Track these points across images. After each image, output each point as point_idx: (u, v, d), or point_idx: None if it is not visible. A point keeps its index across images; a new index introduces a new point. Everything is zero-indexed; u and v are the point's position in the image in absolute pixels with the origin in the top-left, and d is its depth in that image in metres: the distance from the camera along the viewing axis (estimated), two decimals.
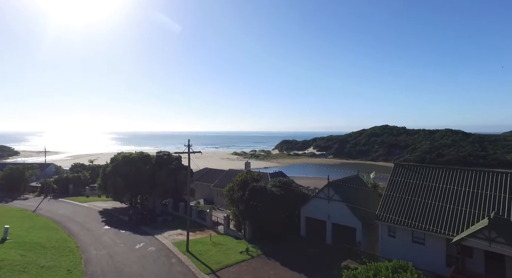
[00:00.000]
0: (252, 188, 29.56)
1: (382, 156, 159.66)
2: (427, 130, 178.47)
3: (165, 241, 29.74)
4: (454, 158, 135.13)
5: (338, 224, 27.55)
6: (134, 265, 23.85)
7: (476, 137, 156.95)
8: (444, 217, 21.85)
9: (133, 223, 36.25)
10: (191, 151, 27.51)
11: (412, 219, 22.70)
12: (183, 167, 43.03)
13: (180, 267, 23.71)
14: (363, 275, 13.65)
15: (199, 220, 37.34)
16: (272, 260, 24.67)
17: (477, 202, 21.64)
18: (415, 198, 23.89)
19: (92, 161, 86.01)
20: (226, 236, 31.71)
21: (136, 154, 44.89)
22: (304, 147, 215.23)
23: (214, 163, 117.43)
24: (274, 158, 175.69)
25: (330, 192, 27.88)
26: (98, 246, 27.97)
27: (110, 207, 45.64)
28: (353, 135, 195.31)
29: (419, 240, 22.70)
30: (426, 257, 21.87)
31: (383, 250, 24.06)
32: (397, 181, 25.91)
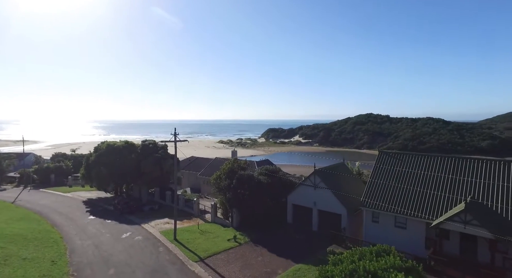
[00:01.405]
0: (239, 176, 29.64)
1: (367, 144, 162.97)
2: (409, 119, 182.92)
3: (152, 230, 29.63)
4: (434, 146, 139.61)
5: (324, 210, 28.15)
6: (121, 254, 23.71)
7: (455, 125, 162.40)
8: (424, 202, 22.70)
9: (118, 213, 35.84)
10: (178, 139, 27.14)
11: (394, 204, 23.47)
12: (169, 155, 42.53)
13: (168, 255, 23.76)
14: (348, 260, 14.06)
15: (186, 208, 37.31)
16: (260, 246, 25.07)
17: (455, 187, 22.57)
18: (398, 185, 24.65)
19: (74, 150, 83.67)
20: (214, 224, 31.89)
21: (121, 143, 43.94)
22: (290, 135, 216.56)
23: (201, 152, 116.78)
24: (261, 146, 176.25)
25: (316, 179, 28.33)
26: (83, 236, 27.57)
27: (94, 197, 44.83)
28: (338, 123, 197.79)
29: (401, 225, 23.57)
30: (407, 241, 22.77)
31: (367, 235, 24.87)
32: (381, 168, 26.57)
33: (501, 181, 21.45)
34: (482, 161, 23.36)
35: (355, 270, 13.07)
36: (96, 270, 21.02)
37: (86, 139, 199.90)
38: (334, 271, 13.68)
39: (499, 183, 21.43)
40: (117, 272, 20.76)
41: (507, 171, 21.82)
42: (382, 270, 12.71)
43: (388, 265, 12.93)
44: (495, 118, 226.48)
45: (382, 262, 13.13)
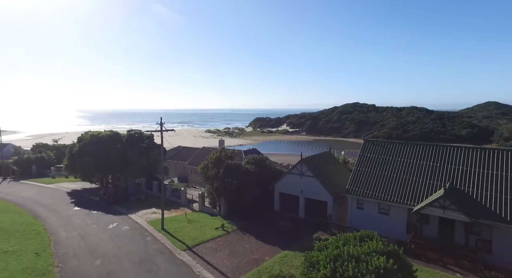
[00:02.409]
0: (226, 165, 29.66)
1: (353, 133, 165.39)
2: (394, 108, 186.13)
3: (140, 220, 29.49)
4: (418, 134, 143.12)
5: (310, 198, 28.66)
6: (108, 245, 23.56)
7: (438, 114, 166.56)
8: (406, 189, 23.44)
9: (104, 203, 35.40)
10: (164, 129, 26.77)
11: (378, 191, 24.13)
12: (156, 145, 42.00)
13: (155, 244, 23.78)
14: (333, 245, 14.44)
15: (173, 198, 37.21)
16: (247, 234, 25.41)
17: (435, 174, 23.37)
18: (382, 172, 25.28)
19: (56, 141, 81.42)
20: (202, 213, 32.01)
21: (105, 132, 42.97)
22: (277, 125, 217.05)
23: (188, 141, 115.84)
24: (248, 136, 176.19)
25: (303, 168, 28.68)
26: (68, 228, 27.18)
27: (79, 188, 44.02)
28: (325, 113, 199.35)
29: (384, 211, 24.33)
30: (390, 226, 23.59)
31: (352, 221, 25.58)
32: (366, 156, 27.12)
33: (477, 168, 22.34)
34: (461, 149, 24.20)
35: (339, 255, 13.45)
36: (82, 261, 20.85)
37: (69, 129, 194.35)
38: (319, 256, 14.05)
39: (476, 169, 22.32)
40: (104, 262, 20.67)
41: (483, 158, 22.71)
42: (365, 254, 13.13)
43: (371, 250, 13.36)
44: (474, 107, 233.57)
45: (365, 247, 13.55)
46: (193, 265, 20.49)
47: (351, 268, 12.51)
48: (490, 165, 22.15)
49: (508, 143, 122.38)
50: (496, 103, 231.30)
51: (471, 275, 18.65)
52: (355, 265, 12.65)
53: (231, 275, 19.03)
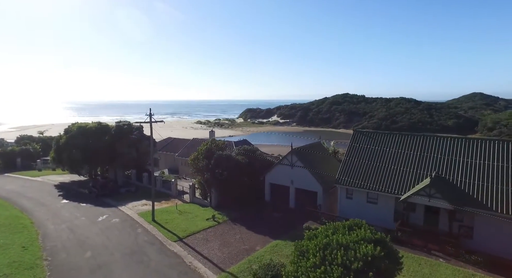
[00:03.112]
0: (217, 156, 29.60)
1: (343, 124, 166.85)
2: (384, 98, 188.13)
3: (130, 212, 29.33)
4: (406, 125, 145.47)
5: (300, 188, 28.99)
6: (97, 237, 23.41)
7: (425, 105, 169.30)
8: (394, 179, 23.93)
9: (94, 196, 34.99)
10: (153, 120, 26.41)
11: (367, 181, 24.57)
12: (145, 137, 41.47)
13: (146, 236, 23.76)
14: (322, 234, 14.71)
15: (164, 190, 37.07)
16: (238, 225, 25.61)
17: (422, 163, 23.89)
18: (371, 162, 25.69)
19: (42, 133, 79.38)
20: (192, 204, 32.04)
21: (93, 124, 42.13)
22: (268, 116, 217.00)
23: (178, 133, 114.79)
24: (239, 127, 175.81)
25: (293, 158, 28.88)
26: (57, 221, 26.83)
27: (67, 180, 43.30)
28: (316, 103, 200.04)
29: (373, 200, 24.84)
30: (378, 215, 24.13)
31: (341, 210, 26.05)
32: (356, 147, 27.47)
33: (462, 157, 22.94)
34: (447, 139, 24.77)
35: (328, 243, 13.73)
36: (72, 253, 20.70)
37: (55, 121, 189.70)
38: (309, 245, 14.31)
39: (460, 158, 22.92)
40: (94, 254, 20.57)
41: (468, 148, 23.31)
42: (354, 242, 13.44)
43: (359, 238, 13.68)
44: (460, 98, 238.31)
45: (354, 235, 13.86)
46: (184, 255, 20.60)
47: (340, 256, 12.80)
48: (474, 154, 22.78)
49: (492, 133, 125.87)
50: (481, 94, 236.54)
51: (453, 260, 19.37)
52: (344, 253, 12.95)
53: (223, 265, 19.23)
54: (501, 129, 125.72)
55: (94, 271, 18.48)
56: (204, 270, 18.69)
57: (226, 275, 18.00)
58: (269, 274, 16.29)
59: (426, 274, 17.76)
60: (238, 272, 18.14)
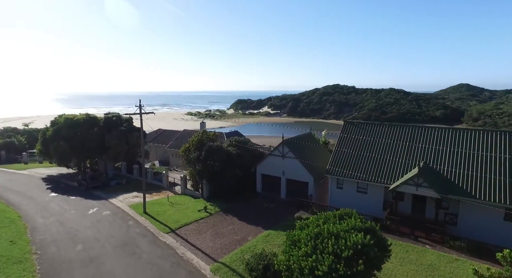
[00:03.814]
0: (208, 148, 29.49)
1: (333, 114, 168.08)
2: (373, 89, 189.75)
3: (121, 205, 29.13)
4: (395, 115, 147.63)
5: (292, 179, 29.24)
6: (88, 230, 23.23)
7: (414, 96, 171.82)
8: (384, 169, 24.37)
9: (83, 189, 34.55)
10: (143, 112, 26.00)
11: (357, 171, 24.94)
12: (135, 128, 40.91)
13: (138, 228, 23.70)
14: (313, 224, 14.95)
15: (155, 181, 36.86)
16: (230, 216, 25.77)
17: (410, 153, 24.38)
18: (361, 153, 26.05)
19: (27, 125, 77.35)
20: (184, 196, 32.00)
21: (81, 116, 41.24)
22: (259, 106, 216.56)
23: (168, 124, 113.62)
24: (230, 118, 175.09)
25: (285, 149, 29.02)
26: (45, 214, 26.44)
27: (55, 173, 42.54)
28: (306, 94, 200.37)
29: (363, 190, 25.30)
30: (367, 204, 24.62)
31: (332, 200, 26.46)
32: (346, 137, 27.75)
33: (448, 147, 23.50)
34: (434, 129, 25.30)
35: (319, 233, 13.97)
36: (62, 246, 20.51)
37: (40, 112, 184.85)
38: (300, 235, 14.54)
39: (447, 148, 23.47)
40: (86, 247, 20.44)
41: (454, 138, 23.87)
42: (344, 231, 13.72)
43: (350, 227, 13.96)
44: (448, 89, 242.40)
45: (344, 225, 14.14)
46: (176, 247, 20.68)
47: (331, 245, 13.06)
48: (459, 144, 23.36)
49: (477, 123, 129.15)
50: (467, 85, 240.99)
51: (438, 246, 20.05)
52: (335, 242, 13.21)
53: (215, 255, 19.40)
54: (485, 120, 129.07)
55: (85, 264, 18.40)
56: (197, 261, 18.84)
57: (218, 265, 18.19)
58: (261, 264, 16.53)
59: (413, 260, 18.34)
60: (230, 262, 18.35)
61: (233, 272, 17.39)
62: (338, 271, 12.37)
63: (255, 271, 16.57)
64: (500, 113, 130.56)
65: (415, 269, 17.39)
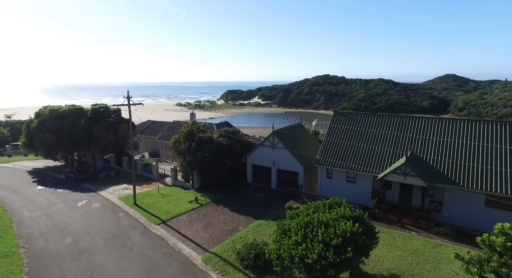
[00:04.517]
0: (198, 139, 29.31)
1: (323, 105, 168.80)
2: (363, 80, 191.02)
3: (110, 197, 28.86)
4: (384, 106, 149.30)
5: (282, 169, 29.46)
6: (78, 223, 22.99)
7: (403, 86, 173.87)
8: (372, 158, 24.77)
9: (71, 181, 34.01)
10: (132, 103, 25.53)
11: (346, 161, 25.29)
12: (124, 120, 40.24)
13: (128, 220, 23.59)
14: (303, 213, 15.20)
15: (145, 173, 36.57)
16: (221, 206, 25.89)
17: (398, 143, 24.83)
18: (350, 143, 26.37)
19: (9, 117, 75.07)
20: (174, 187, 31.91)
21: (67, 107, 40.21)
22: (249, 97, 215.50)
23: (157, 115, 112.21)
24: (220, 109, 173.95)
25: (275, 140, 29.11)
26: (32, 208, 25.98)
27: (41, 166, 41.66)
28: (297, 85, 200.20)
29: (352, 179, 25.73)
30: (356, 193, 25.09)
31: (321, 190, 26.84)
32: (336, 128, 27.99)
33: (435, 136, 24.03)
34: (421, 119, 25.77)
35: (309, 222, 14.22)
36: (51, 240, 20.27)
37: (23, 103, 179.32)
38: (291, 224, 14.77)
39: (433, 138, 24.01)
40: (75, 240, 20.26)
41: (440, 127, 24.40)
42: (334, 220, 14.00)
43: (339, 216, 14.25)
44: (435, 80, 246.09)
45: (334, 213, 14.42)
46: (168, 238, 20.72)
47: (321, 233, 13.33)
48: (445, 133, 23.91)
49: (462, 113, 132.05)
50: (454, 75, 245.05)
51: (424, 233, 20.71)
52: (324, 230, 13.48)
53: (206, 245, 19.55)
54: (470, 110, 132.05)
55: (75, 256, 18.27)
56: (189, 251, 18.95)
57: (210, 255, 18.35)
58: (252, 253, 16.77)
59: (399, 246, 18.91)
60: (222, 252, 18.53)
61: (225, 261, 17.58)
62: (328, 259, 12.68)
63: (246, 260, 16.82)
64: (483, 103, 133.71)
65: (401, 255, 17.96)
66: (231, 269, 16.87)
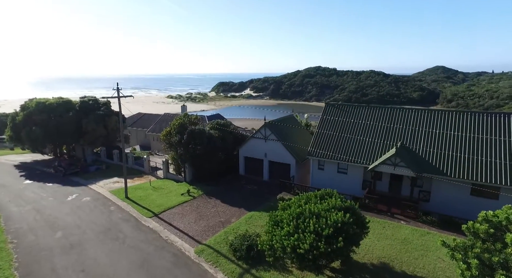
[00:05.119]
0: (190, 131, 29.09)
1: (315, 97, 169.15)
2: (354, 71, 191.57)
3: (101, 190, 28.57)
4: (375, 97, 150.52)
5: (274, 161, 29.57)
6: (68, 217, 22.74)
7: (393, 78, 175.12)
8: (363, 149, 25.05)
9: (61, 175, 33.49)
10: (121, 95, 25.05)
11: (338, 153, 25.51)
12: (114, 112, 39.59)
13: (120, 213, 23.44)
14: (295, 204, 15.33)
15: (136, 166, 36.25)
16: (213, 198, 25.93)
17: (389, 134, 25.13)
18: (341, 134, 26.56)
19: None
20: (166, 180, 31.76)
21: (54, 100, 39.31)
22: (241, 89, 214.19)
23: (149, 108, 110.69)
24: (211, 101, 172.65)
25: (267, 132, 29.12)
26: (20, 202, 25.54)
27: (29, 160, 40.86)
28: (288, 77, 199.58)
29: (343, 170, 26.01)
30: (347, 184, 25.42)
31: (313, 181, 27.09)
32: (327, 119, 28.12)
33: (424, 127, 24.39)
34: (411, 111, 26.08)
35: (301, 213, 14.36)
36: (41, 234, 20.02)
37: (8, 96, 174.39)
38: (283, 215, 14.90)
39: (422, 129, 24.36)
40: (66, 234, 20.06)
41: (429, 119, 24.76)
42: (325, 210, 14.17)
43: (330, 206, 14.42)
44: (425, 71, 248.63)
45: (325, 204, 14.58)
46: (160, 230, 20.69)
47: (312, 224, 13.49)
48: (433, 125, 24.28)
49: (450, 105, 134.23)
50: (443, 67, 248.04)
51: (412, 222, 21.20)
52: (316, 221, 13.65)
53: (199, 237, 19.61)
54: (458, 101, 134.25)
55: (66, 250, 18.12)
56: (181, 244, 18.99)
57: (203, 247, 18.43)
58: (245, 244, 16.90)
59: (389, 235, 19.32)
60: (214, 244, 18.63)
61: (218, 253, 17.69)
62: (319, 249, 12.87)
63: (239, 251, 16.95)
64: (471, 95, 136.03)
65: (391, 243, 18.37)
66: (224, 260, 16.99)
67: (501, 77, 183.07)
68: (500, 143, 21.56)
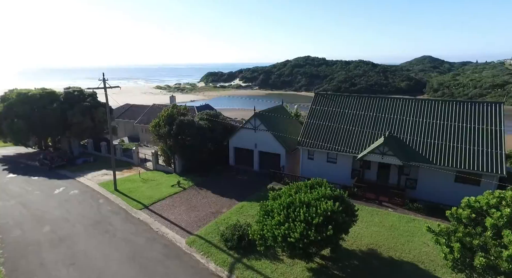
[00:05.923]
0: (179, 122, 28.75)
1: (304, 86, 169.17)
2: (343, 61, 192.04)
3: (89, 183, 28.14)
4: (364, 87, 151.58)
5: (264, 151, 29.65)
6: (56, 210, 22.37)
7: (381, 67, 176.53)
8: (352, 139, 25.33)
9: (47, 168, 32.75)
10: (108, 86, 24.40)
11: (327, 142, 25.74)
12: (101, 104, 38.65)
13: (110, 206, 23.21)
14: (286, 194, 15.46)
15: (125, 158, 35.77)
16: (204, 189, 25.91)
17: (377, 124, 25.44)
18: (331, 124, 26.75)
19: None
20: (156, 171, 31.50)
21: (37, 90, 38.05)
22: (230, 79, 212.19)
23: (137, 98, 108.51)
24: (200, 91, 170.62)
25: (257, 122, 29.06)
26: (4, 197, 24.93)
27: (12, 153, 39.74)
28: (278, 66, 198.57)
29: (332, 160, 26.32)
30: (337, 173, 25.76)
31: (303, 171, 27.35)
32: (317, 109, 28.22)
33: (411, 117, 24.79)
34: (398, 100, 26.41)
35: (292, 202, 14.51)
36: (28, 229, 19.67)
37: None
38: (273, 205, 15.02)
39: (409, 118, 24.76)
40: (54, 228, 19.77)
41: (416, 108, 25.14)
42: (315, 200, 14.34)
43: (320, 195, 14.60)
44: (412, 61, 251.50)
45: (315, 194, 14.75)
46: (151, 222, 20.62)
47: (302, 213, 13.66)
48: (420, 114, 24.69)
49: (437, 94, 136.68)
50: (430, 57, 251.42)
51: (399, 209, 21.78)
52: (306, 210, 13.82)
53: (190, 228, 19.65)
54: (444, 91, 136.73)
55: (55, 244, 17.89)
56: (172, 235, 19.00)
57: (194, 238, 18.49)
58: (236, 234, 17.05)
59: (377, 223, 19.82)
60: (205, 235, 18.71)
61: (209, 243, 17.80)
62: (309, 237, 13.08)
63: (230, 241, 17.10)
64: (456, 84, 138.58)
65: (379, 230, 18.86)
66: (215, 250, 17.12)
67: (484, 67, 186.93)
68: (483, 132, 22.15)
